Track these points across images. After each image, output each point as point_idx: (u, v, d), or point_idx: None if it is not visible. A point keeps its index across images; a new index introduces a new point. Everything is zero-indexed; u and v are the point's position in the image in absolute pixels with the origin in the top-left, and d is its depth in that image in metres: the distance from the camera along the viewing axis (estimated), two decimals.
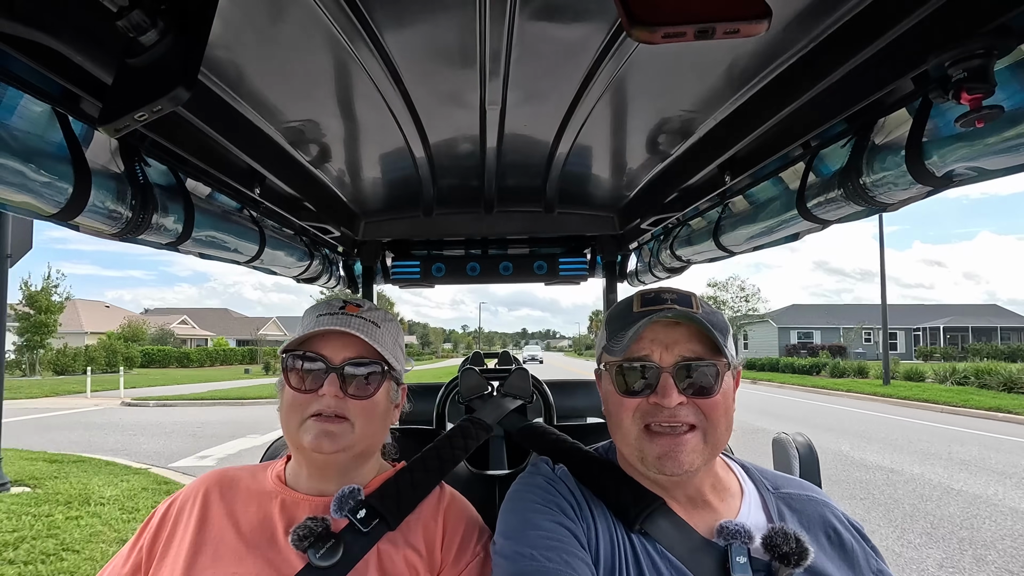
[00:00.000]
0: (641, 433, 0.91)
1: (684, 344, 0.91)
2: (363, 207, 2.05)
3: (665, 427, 0.89)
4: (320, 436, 0.95)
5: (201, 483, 1.04)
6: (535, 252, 2.59)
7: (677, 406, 0.88)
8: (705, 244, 1.97)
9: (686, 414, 0.89)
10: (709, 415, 0.90)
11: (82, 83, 0.84)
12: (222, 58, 0.98)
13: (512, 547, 0.87)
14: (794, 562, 0.85)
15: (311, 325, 1.01)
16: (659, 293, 0.97)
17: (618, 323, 0.99)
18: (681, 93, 1.17)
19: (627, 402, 0.92)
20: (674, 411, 0.88)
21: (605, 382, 0.99)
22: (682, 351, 0.91)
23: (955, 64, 0.74)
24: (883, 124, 1.10)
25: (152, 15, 0.62)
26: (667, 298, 0.95)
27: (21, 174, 0.89)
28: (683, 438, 0.89)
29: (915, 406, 15.00)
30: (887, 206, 1.17)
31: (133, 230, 1.21)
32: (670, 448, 0.88)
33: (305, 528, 0.92)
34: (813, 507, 0.99)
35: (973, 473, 7.36)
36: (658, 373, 0.90)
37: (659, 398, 0.89)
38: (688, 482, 0.94)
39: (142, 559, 0.97)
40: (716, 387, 0.90)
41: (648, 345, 0.92)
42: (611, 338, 0.98)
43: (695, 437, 0.89)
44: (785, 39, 0.94)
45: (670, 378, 0.89)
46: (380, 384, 1.01)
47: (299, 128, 1.31)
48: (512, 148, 1.49)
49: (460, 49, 0.97)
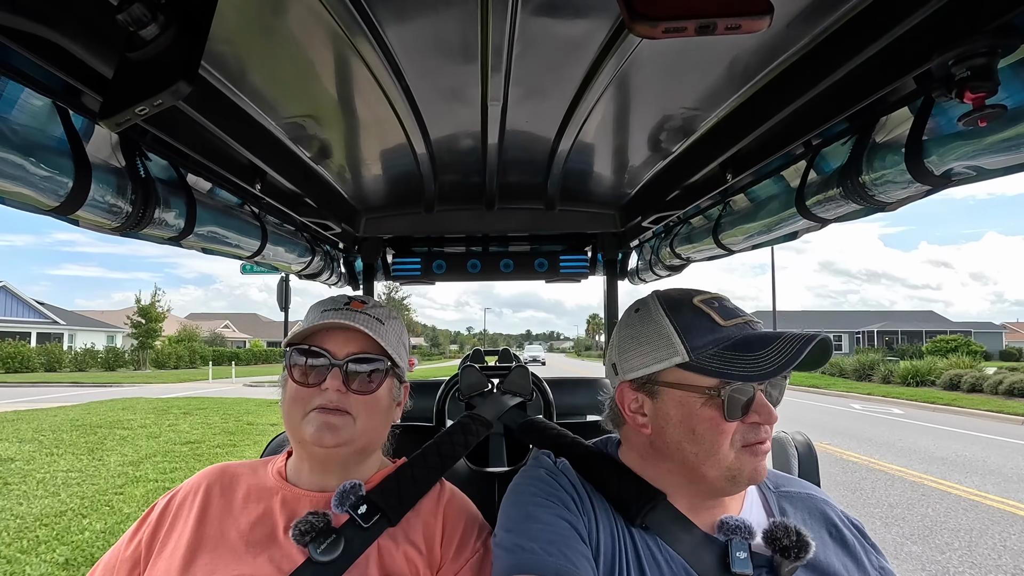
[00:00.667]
0: (740, 453, 0.87)
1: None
2: (364, 203, 2.05)
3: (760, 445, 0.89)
4: (322, 429, 0.95)
5: (202, 478, 1.04)
6: (536, 249, 2.59)
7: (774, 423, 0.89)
8: (705, 242, 1.97)
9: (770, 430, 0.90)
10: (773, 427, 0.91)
11: (83, 77, 0.83)
12: (223, 53, 0.98)
13: (512, 539, 0.87)
14: (795, 555, 0.86)
15: (316, 320, 1.01)
16: (720, 301, 0.95)
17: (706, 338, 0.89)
18: (683, 90, 1.17)
19: (729, 426, 0.87)
20: (768, 427, 0.89)
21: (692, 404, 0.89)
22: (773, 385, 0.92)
23: (958, 63, 0.74)
24: (884, 123, 1.10)
25: (153, 9, 0.61)
26: (733, 308, 0.94)
27: (21, 168, 0.89)
28: (767, 447, 0.90)
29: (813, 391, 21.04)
30: (886, 205, 1.16)
31: (134, 225, 1.21)
32: (761, 460, 0.89)
33: (306, 523, 0.93)
34: (814, 505, 1.00)
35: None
36: (754, 392, 0.88)
37: (763, 418, 0.87)
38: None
39: (141, 552, 0.97)
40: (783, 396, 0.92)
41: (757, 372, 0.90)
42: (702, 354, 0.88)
43: (769, 446, 0.91)
44: (787, 36, 0.94)
45: (763, 396, 0.88)
46: (383, 380, 1.02)
47: (300, 123, 1.31)
48: (514, 145, 1.49)
49: (462, 45, 0.96)
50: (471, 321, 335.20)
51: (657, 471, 0.97)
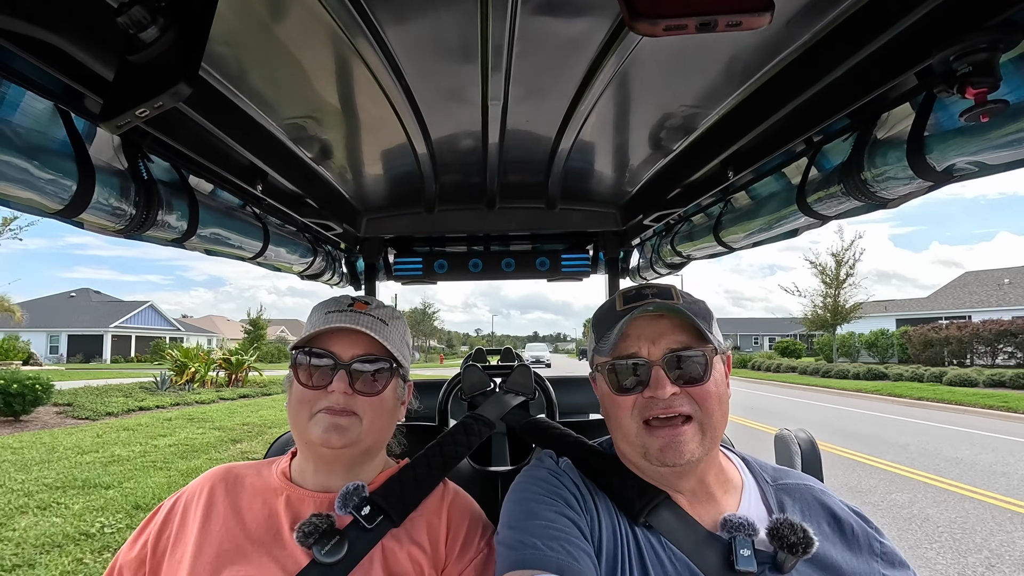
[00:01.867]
0: (641, 429, 0.92)
1: (670, 336, 0.93)
2: (365, 204, 2.05)
3: (663, 419, 0.91)
4: (330, 429, 0.95)
5: (207, 479, 1.05)
6: (537, 248, 2.59)
7: (671, 396, 0.89)
8: (706, 240, 1.96)
9: (680, 403, 0.90)
10: (703, 403, 0.91)
11: (84, 80, 0.84)
12: (223, 54, 0.98)
13: (515, 536, 0.88)
14: (800, 551, 0.86)
15: (320, 322, 1.01)
16: (640, 290, 1.00)
17: (604, 324, 1.00)
18: (684, 88, 1.16)
19: (623, 400, 0.94)
20: (669, 402, 0.90)
21: (600, 383, 1.00)
22: (668, 343, 0.92)
23: (960, 58, 0.74)
24: (886, 119, 1.10)
25: (153, 11, 0.62)
26: (647, 293, 0.98)
27: (25, 171, 0.90)
28: (681, 428, 0.90)
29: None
30: (887, 201, 1.16)
31: (138, 227, 1.22)
32: (671, 439, 0.90)
33: (310, 524, 0.93)
34: (812, 495, 1.00)
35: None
36: (648, 367, 0.91)
37: (653, 391, 0.90)
38: (691, 473, 0.94)
39: (147, 554, 0.97)
40: (706, 374, 0.92)
41: (635, 342, 0.94)
42: (599, 339, 1.00)
43: (692, 427, 0.90)
44: (788, 33, 0.93)
45: (661, 370, 0.91)
46: (388, 381, 1.02)
47: (301, 124, 1.31)
48: (514, 144, 1.49)
49: (462, 44, 0.96)
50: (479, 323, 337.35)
51: (622, 456, 1.02)
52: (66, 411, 12.52)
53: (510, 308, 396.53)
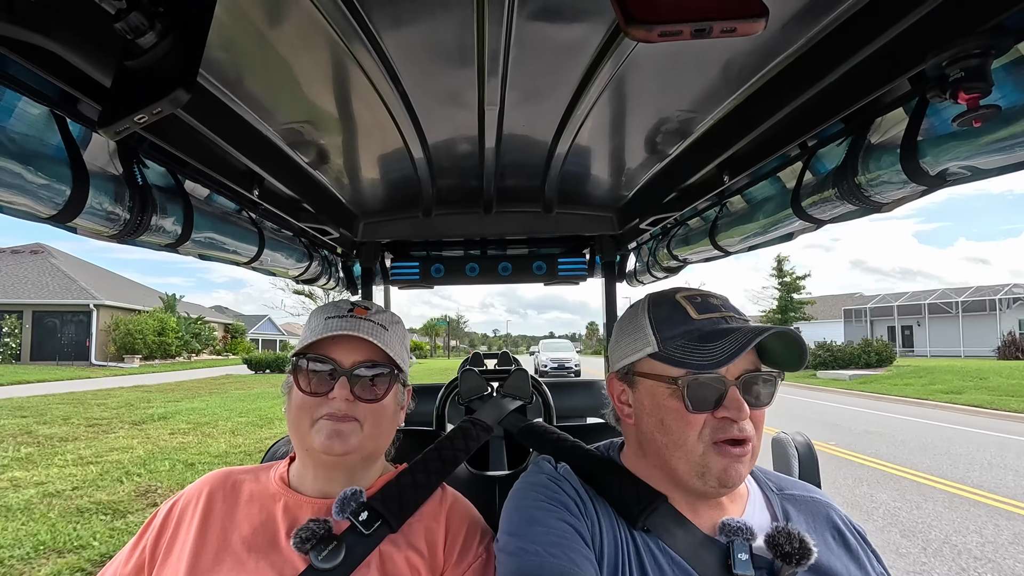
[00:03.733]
0: (709, 449, 0.87)
1: (747, 356, 0.88)
2: (362, 208, 2.05)
3: (733, 443, 0.87)
4: (332, 437, 0.95)
5: (204, 484, 1.04)
6: (534, 252, 2.59)
7: (747, 420, 0.87)
8: (702, 244, 1.97)
9: (749, 428, 0.88)
10: (758, 428, 0.89)
11: (80, 85, 0.83)
12: (221, 60, 0.98)
13: (516, 543, 0.87)
14: (796, 561, 0.85)
15: (320, 328, 1.00)
16: (705, 298, 0.95)
17: (677, 330, 0.92)
18: (679, 93, 1.17)
19: (695, 418, 0.88)
20: (743, 425, 0.87)
21: (659, 395, 0.92)
22: (745, 363, 0.89)
23: (952, 64, 0.75)
24: (879, 124, 1.11)
25: (150, 17, 0.61)
26: (717, 304, 0.94)
27: (19, 176, 0.89)
28: (745, 448, 0.87)
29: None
30: (881, 206, 1.17)
31: (132, 232, 1.21)
32: (733, 461, 0.87)
33: (307, 530, 0.92)
34: (817, 508, 0.99)
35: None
36: (726, 387, 0.87)
37: (732, 413, 0.86)
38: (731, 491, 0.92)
39: (145, 560, 0.96)
40: (770, 399, 0.90)
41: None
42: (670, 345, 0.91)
43: (749, 451, 0.88)
44: (782, 38, 0.94)
45: (738, 391, 0.87)
46: (389, 387, 1.02)
47: (297, 129, 1.31)
48: (511, 148, 1.49)
49: (458, 49, 0.97)
50: (496, 323, 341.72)
51: (646, 466, 0.98)
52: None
53: (527, 308, 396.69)
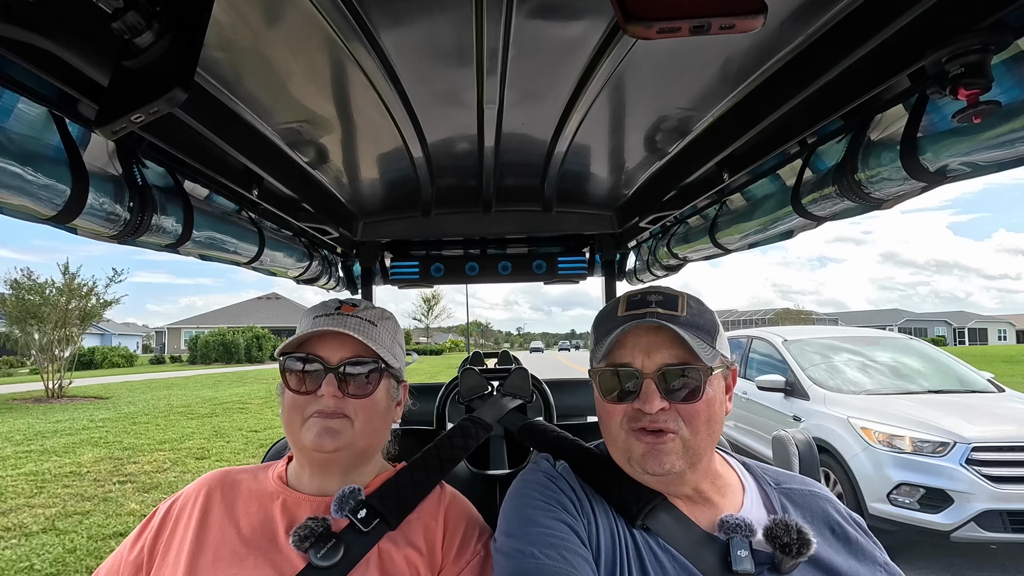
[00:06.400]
0: (628, 435, 0.92)
1: (667, 350, 0.90)
2: (361, 208, 2.04)
3: (648, 430, 0.90)
4: (322, 434, 0.95)
5: (202, 483, 1.04)
6: (534, 251, 2.59)
7: (659, 412, 0.88)
8: (702, 242, 1.97)
9: (667, 420, 0.89)
10: (689, 422, 0.89)
11: (78, 85, 0.83)
12: (218, 59, 0.98)
13: (512, 544, 0.87)
14: (795, 551, 0.85)
15: (307, 327, 1.01)
16: (645, 295, 0.97)
17: (604, 327, 0.99)
18: (678, 91, 1.17)
19: (613, 408, 0.94)
20: (655, 417, 0.89)
21: (595, 387, 0.99)
22: (664, 357, 0.90)
23: (952, 60, 0.75)
24: (879, 120, 1.10)
25: (147, 16, 0.61)
26: (652, 300, 0.95)
27: (19, 177, 0.89)
28: (663, 438, 0.89)
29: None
30: (881, 202, 1.17)
31: (132, 232, 1.21)
32: (652, 447, 0.89)
33: (306, 528, 0.92)
34: (815, 502, 0.99)
35: None
36: (640, 379, 0.90)
37: (641, 404, 0.89)
38: (680, 482, 0.94)
39: (143, 559, 0.96)
40: (699, 393, 0.89)
41: (630, 352, 0.92)
42: (598, 342, 0.98)
43: (674, 442, 0.89)
44: (781, 35, 0.94)
45: (652, 384, 0.89)
46: (379, 382, 1.02)
47: (296, 129, 1.31)
48: (510, 147, 1.49)
49: (457, 48, 0.97)
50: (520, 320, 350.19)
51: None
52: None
53: (551, 305, 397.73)
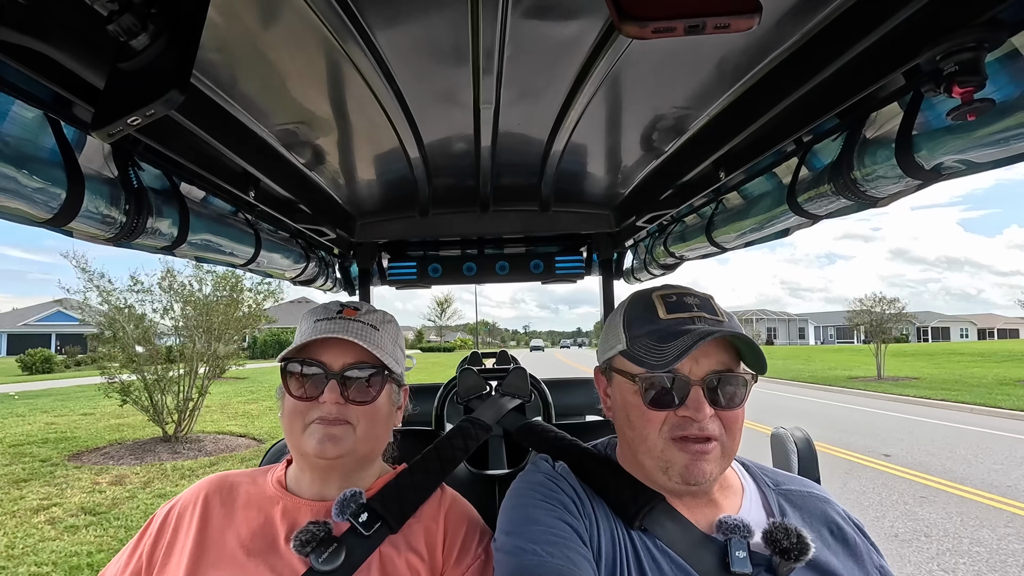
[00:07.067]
0: (668, 445, 0.89)
1: (714, 356, 0.89)
2: (358, 209, 2.04)
3: (693, 440, 0.88)
4: (324, 440, 0.94)
5: (201, 488, 1.04)
6: (531, 251, 2.59)
7: (706, 419, 0.87)
8: (698, 240, 1.97)
9: (712, 427, 0.88)
10: (729, 427, 0.89)
11: (74, 88, 0.83)
12: (214, 61, 0.98)
13: (513, 542, 0.87)
14: (794, 557, 0.85)
15: (309, 332, 1.00)
16: (681, 296, 0.95)
17: (643, 329, 0.94)
18: (674, 90, 1.17)
19: (654, 415, 0.90)
20: (703, 424, 0.87)
21: (625, 391, 0.95)
22: (712, 363, 0.89)
23: (946, 58, 0.75)
24: (874, 119, 1.11)
25: (143, 19, 0.61)
26: (692, 303, 0.94)
27: (14, 180, 0.89)
28: (707, 447, 0.88)
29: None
30: (877, 200, 1.17)
31: (128, 235, 1.21)
32: (695, 459, 0.88)
33: (307, 533, 0.92)
34: (814, 503, 0.99)
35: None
36: (688, 386, 0.88)
37: (691, 412, 0.87)
38: (699, 489, 0.93)
39: (143, 565, 0.96)
40: (742, 400, 0.90)
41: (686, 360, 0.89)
42: (635, 344, 0.93)
43: (716, 449, 0.88)
44: (776, 34, 0.94)
45: (701, 391, 0.88)
46: (381, 388, 1.01)
47: (292, 130, 1.31)
48: (507, 147, 1.49)
49: (453, 48, 0.96)
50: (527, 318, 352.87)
51: (629, 461, 1.00)
52: None
53: (558, 303, 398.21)
